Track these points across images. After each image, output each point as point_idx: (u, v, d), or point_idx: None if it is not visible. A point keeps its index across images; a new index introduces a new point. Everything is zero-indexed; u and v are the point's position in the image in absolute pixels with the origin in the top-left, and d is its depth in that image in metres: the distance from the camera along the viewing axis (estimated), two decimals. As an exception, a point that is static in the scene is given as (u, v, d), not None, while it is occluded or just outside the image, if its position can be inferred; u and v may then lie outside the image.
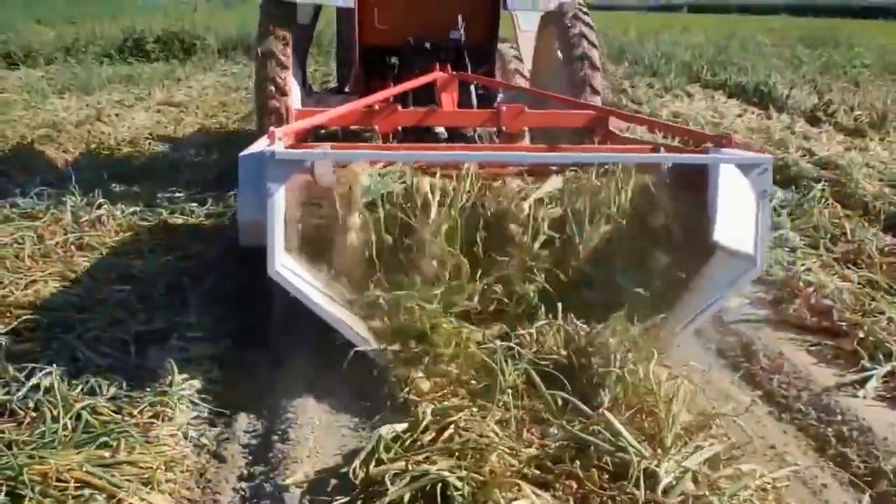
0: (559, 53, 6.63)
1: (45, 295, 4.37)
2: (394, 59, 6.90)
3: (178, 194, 6.77)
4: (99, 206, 6.02)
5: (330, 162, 3.97)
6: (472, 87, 6.68)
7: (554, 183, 4.15)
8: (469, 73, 6.56)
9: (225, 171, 7.54)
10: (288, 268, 3.62)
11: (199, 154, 8.46)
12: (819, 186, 6.83)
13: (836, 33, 26.86)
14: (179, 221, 5.99)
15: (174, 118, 11.16)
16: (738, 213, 3.85)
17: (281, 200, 3.60)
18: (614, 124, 5.74)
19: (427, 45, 6.78)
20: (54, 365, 3.50)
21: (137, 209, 6.18)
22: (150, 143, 8.87)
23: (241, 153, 3.90)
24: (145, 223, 5.88)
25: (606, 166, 4.15)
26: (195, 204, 6.40)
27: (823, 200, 6.55)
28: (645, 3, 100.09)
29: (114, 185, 7.01)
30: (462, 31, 6.76)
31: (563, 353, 3.66)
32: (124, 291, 4.51)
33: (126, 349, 3.80)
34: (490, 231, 4.03)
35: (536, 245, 3.99)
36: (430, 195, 3.95)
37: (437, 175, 4.10)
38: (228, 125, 10.63)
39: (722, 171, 3.92)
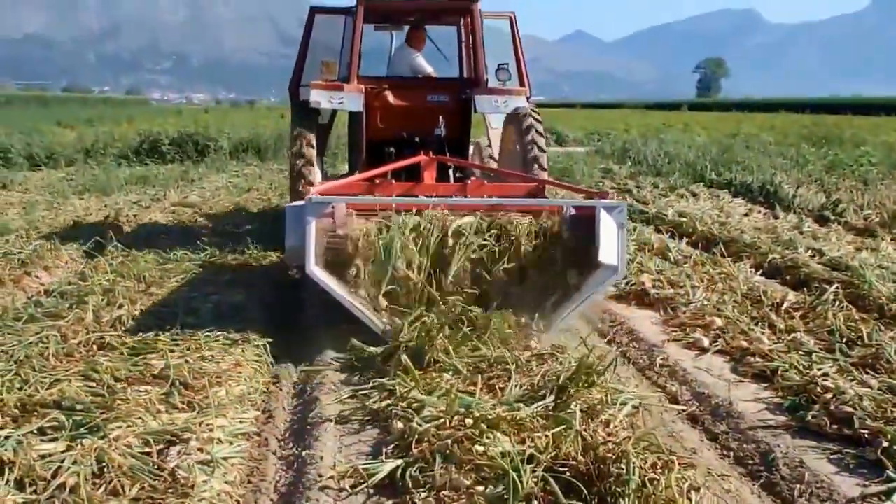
0: (517, 145, 8.80)
1: (69, 394, 4.39)
2: (391, 149, 8.87)
3: (193, 294, 6.84)
4: (119, 307, 6.14)
5: (345, 207, 5.92)
6: (451, 169, 8.76)
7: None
8: (448, 157, 8.49)
9: (239, 275, 7.67)
10: (317, 272, 5.60)
11: (212, 256, 8.56)
12: (832, 289, 6.80)
13: (840, 131, 27.09)
14: (195, 322, 6.03)
15: (188, 218, 11.33)
16: (608, 239, 5.82)
17: (314, 228, 5.62)
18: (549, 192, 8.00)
19: (417, 138, 8.87)
20: (79, 464, 3.52)
21: (155, 310, 6.26)
22: (166, 244, 8.99)
23: (287, 205, 6.25)
24: (163, 323, 5.93)
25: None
26: (210, 305, 6.47)
27: (837, 303, 6.50)
28: (644, 101, 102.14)
29: (132, 284, 7.11)
30: (443, 128, 8.86)
31: (581, 459, 3.66)
32: (145, 391, 4.54)
33: (148, 450, 3.80)
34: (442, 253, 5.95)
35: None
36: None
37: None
38: (242, 223, 10.75)
39: (601, 214, 5.85)
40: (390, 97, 9.19)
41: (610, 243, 5.81)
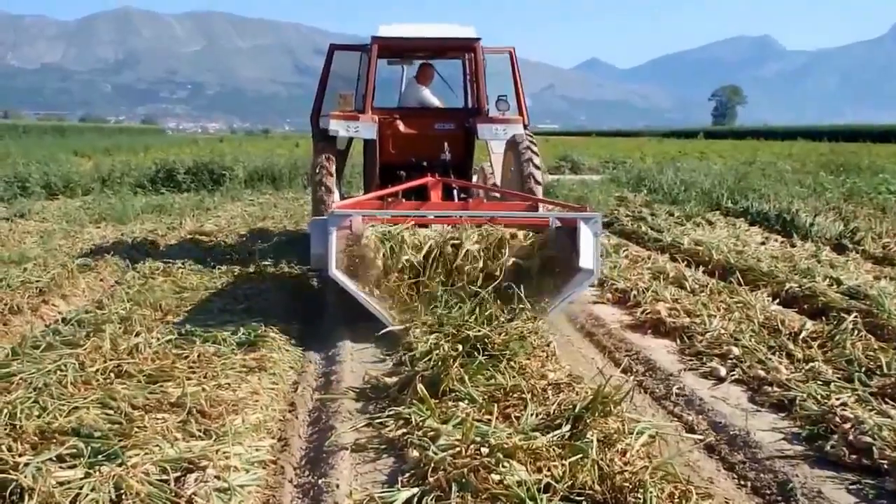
0: (515, 168, 9.72)
1: (87, 421, 4.39)
2: (402, 173, 9.81)
3: (209, 323, 6.85)
4: (136, 335, 6.16)
5: (361, 219, 7.02)
6: (456, 190, 9.73)
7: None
8: (452, 178, 9.67)
9: (255, 303, 7.68)
10: (338, 274, 6.67)
11: (228, 283, 8.61)
12: (850, 318, 6.68)
13: (858, 159, 26.95)
14: (212, 350, 6.05)
15: (205, 247, 11.38)
16: (586, 247, 6.94)
17: (335, 237, 6.71)
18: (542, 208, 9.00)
19: (424, 163, 9.84)
20: (97, 492, 3.55)
21: (173, 338, 6.27)
22: (182, 273, 9.04)
23: (312, 219, 7.92)
24: (180, 351, 5.95)
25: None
26: (227, 333, 6.48)
27: (856, 332, 6.42)
28: (660, 130, 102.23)
29: (148, 312, 7.15)
30: (447, 154, 9.88)
31: (598, 488, 3.64)
32: (162, 419, 4.55)
33: (165, 477, 3.81)
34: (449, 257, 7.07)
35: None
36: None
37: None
38: (257, 251, 10.77)
39: (581, 225, 6.99)
40: (401, 126, 10.18)
41: (587, 250, 6.95)
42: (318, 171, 9.40)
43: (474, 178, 11.02)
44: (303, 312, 7.68)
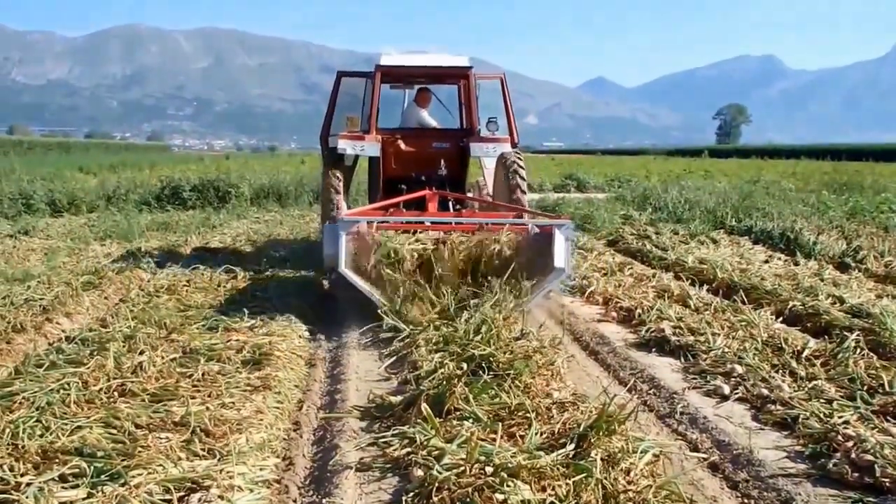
0: (504, 182, 10.46)
1: (90, 441, 4.40)
2: (403, 186, 10.57)
3: (214, 342, 6.86)
4: (140, 353, 6.17)
5: (366, 225, 8.11)
6: (451, 202, 10.45)
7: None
8: (447, 191, 10.45)
9: (260, 321, 7.69)
10: (347, 272, 7.87)
11: (233, 300, 8.62)
12: (853, 336, 6.73)
13: (861, 178, 27.00)
14: (217, 369, 6.06)
15: (210, 265, 11.36)
16: (559, 249, 7.94)
17: (344, 240, 7.89)
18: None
19: (423, 177, 10.77)
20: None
21: (177, 356, 6.28)
22: (187, 291, 9.05)
23: (325, 224, 8.91)
24: (184, 370, 5.95)
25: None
26: (232, 351, 6.49)
27: (858, 350, 6.44)
28: (665, 148, 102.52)
29: (153, 330, 7.15)
30: (444, 169, 10.96)
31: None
32: (165, 438, 4.55)
33: (169, 497, 3.82)
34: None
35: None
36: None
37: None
38: (262, 268, 10.81)
39: (556, 231, 8.01)
40: (402, 145, 11.32)
41: (560, 252, 7.95)
42: (327, 186, 10.34)
43: (470, 192, 12.00)
44: (308, 331, 7.68)
